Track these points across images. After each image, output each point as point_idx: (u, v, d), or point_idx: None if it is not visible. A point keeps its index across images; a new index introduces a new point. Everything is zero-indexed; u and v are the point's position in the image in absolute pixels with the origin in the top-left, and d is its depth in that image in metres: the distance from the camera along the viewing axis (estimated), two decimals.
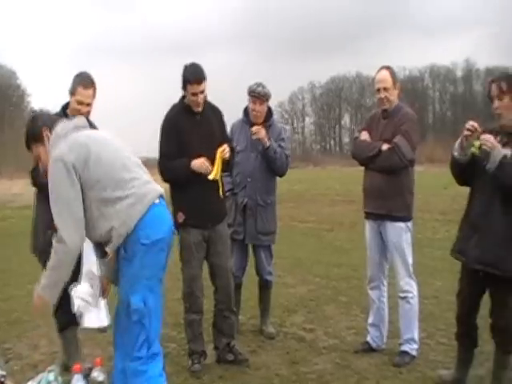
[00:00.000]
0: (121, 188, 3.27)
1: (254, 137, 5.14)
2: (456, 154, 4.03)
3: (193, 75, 4.47)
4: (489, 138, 3.80)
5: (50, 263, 3.24)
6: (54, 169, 3.23)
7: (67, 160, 3.20)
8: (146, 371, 3.34)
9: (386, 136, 4.75)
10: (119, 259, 3.32)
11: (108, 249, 3.31)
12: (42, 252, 4.19)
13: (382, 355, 4.91)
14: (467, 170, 4.03)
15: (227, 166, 4.68)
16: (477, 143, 3.83)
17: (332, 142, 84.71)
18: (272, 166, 5.29)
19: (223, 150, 4.54)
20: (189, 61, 4.58)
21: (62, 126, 3.40)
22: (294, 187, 25.36)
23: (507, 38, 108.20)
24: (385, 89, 4.75)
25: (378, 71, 4.84)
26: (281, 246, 9.60)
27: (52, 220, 3.55)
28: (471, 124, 3.89)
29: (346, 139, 79.86)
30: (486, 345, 4.48)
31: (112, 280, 3.47)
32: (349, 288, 7.32)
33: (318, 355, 4.96)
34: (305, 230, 13.28)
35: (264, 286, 5.54)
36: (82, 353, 4.57)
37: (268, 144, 5.16)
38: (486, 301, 4.12)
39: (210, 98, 4.69)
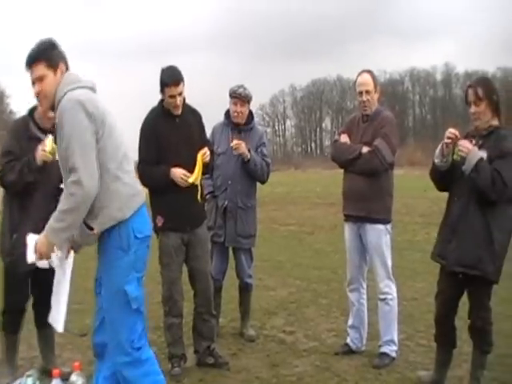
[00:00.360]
0: (121, 171, 3.23)
1: (235, 152, 5.14)
2: (437, 161, 4.08)
3: (170, 78, 4.45)
4: (464, 144, 3.86)
5: (63, 207, 3.05)
6: (74, 110, 3.07)
7: (88, 107, 3.09)
8: (147, 360, 3.34)
9: (366, 139, 4.78)
10: (111, 248, 3.25)
11: (94, 225, 3.17)
12: (8, 255, 4.19)
13: (362, 357, 4.93)
14: (447, 176, 4.10)
15: (207, 168, 4.68)
16: (457, 150, 3.89)
17: (313, 145, 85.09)
18: (253, 175, 5.31)
19: (204, 154, 4.54)
20: (167, 63, 4.60)
21: (81, 77, 3.32)
22: (275, 190, 25.38)
23: (486, 43, 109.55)
24: (367, 92, 4.79)
25: (360, 74, 4.88)
26: (262, 249, 9.63)
27: (18, 223, 3.57)
28: (451, 132, 3.95)
29: (326, 142, 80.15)
30: (464, 345, 4.54)
31: (75, 249, 3.36)
32: (329, 290, 7.35)
33: (298, 358, 4.97)
34: (285, 232, 13.31)
35: (244, 289, 5.54)
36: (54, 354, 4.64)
37: (248, 157, 5.17)
38: (464, 302, 4.17)
39: (188, 101, 4.69)
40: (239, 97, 5.24)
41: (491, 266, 3.92)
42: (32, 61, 3.23)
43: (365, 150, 4.73)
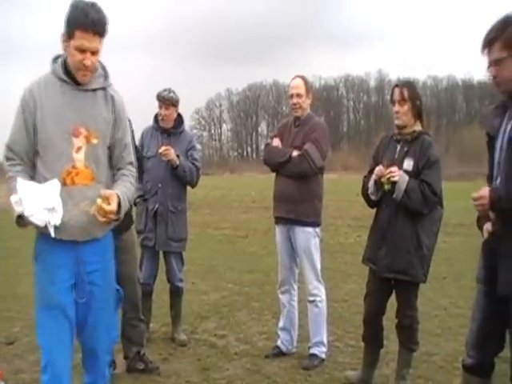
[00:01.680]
0: None
1: (163, 158, 5.10)
2: (373, 197, 4.20)
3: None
4: (394, 172, 3.96)
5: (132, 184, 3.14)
6: None
7: None
8: None
9: (297, 143, 4.84)
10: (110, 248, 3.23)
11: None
12: None
13: (292, 359, 4.98)
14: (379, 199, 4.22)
15: None
16: (386, 181, 3.98)
17: (249, 149, 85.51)
18: (182, 180, 5.29)
19: None
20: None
21: None
22: (210, 194, 25.39)
23: (417, 51, 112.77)
24: (298, 95, 4.86)
25: (293, 79, 4.96)
26: (195, 253, 9.64)
27: None
28: (379, 169, 4.05)
29: (262, 146, 78.66)
30: (391, 345, 4.65)
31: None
32: (261, 293, 7.39)
33: (229, 361, 4.97)
34: (219, 236, 13.30)
35: (175, 293, 5.50)
36: None
37: (177, 163, 5.14)
38: (392, 303, 4.27)
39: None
40: (164, 100, 5.22)
41: (420, 270, 4.05)
42: None
43: (295, 153, 4.79)
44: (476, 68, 71.06)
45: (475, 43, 3.21)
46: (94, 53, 2.90)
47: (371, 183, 4.17)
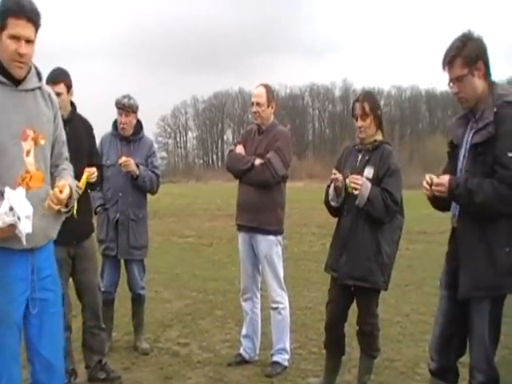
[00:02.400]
0: None
1: (123, 169, 5.06)
2: (334, 203, 4.24)
3: (50, 76, 4.29)
4: (356, 179, 4.00)
5: None
6: None
7: None
8: None
9: (260, 151, 4.86)
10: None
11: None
12: None
13: (255, 366, 4.97)
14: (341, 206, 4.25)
15: (93, 186, 4.52)
16: (349, 184, 4.02)
17: (214, 157, 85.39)
18: (142, 189, 5.26)
19: (91, 174, 4.27)
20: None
21: None
22: (175, 202, 25.27)
23: (382, 61, 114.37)
24: (257, 103, 4.87)
25: (256, 87, 4.98)
26: (159, 262, 9.60)
27: None
28: (335, 173, 4.10)
29: None
30: (354, 352, 4.69)
31: None
32: (225, 301, 7.37)
33: (192, 369, 4.94)
34: (184, 244, 13.24)
35: (137, 301, 5.45)
36: None
37: (137, 173, 5.11)
38: (355, 310, 4.30)
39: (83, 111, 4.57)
40: (123, 107, 5.18)
41: (381, 277, 4.09)
42: None
43: (257, 162, 4.80)
44: (438, 79, 72.38)
45: (437, 56, 3.31)
46: (29, 42, 2.84)
47: (331, 190, 4.21)
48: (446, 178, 3.16)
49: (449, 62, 3.16)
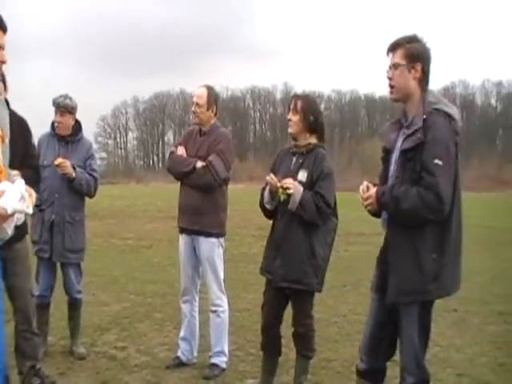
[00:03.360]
0: None
1: (59, 171, 4.96)
2: (269, 206, 4.27)
3: None
4: (288, 183, 4.04)
5: None
6: None
7: None
8: None
9: (202, 153, 4.85)
10: None
11: None
12: None
13: (193, 369, 4.96)
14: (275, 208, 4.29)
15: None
16: (281, 191, 4.04)
17: (155, 158, 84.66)
18: (79, 192, 5.17)
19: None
20: None
21: None
22: (114, 203, 24.90)
23: (323, 66, 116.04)
24: (197, 104, 4.86)
25: (199, 87, 4.96)
26: (97, 264, 9.45)
27: None
28: (271, 177, 4.13)
29: None
30: (291, 353, 4.72)
31: None
32: (164, 304, 7.32)
33: (129, 373, 4.88)
34: (123, 247, 13.07)
35: (73, 305, 5.35)
36: None
37: (73, 176, 5.02)
38: (290, 311, 4.33)
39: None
40: (59, 107, 5.09)
41: (315, 279, 4.15)
42: None
43: (199, 164, 4.79)
44: (378, 85, 74.02)
45: (376, 62, 3.40)
46: (2, 47, 3.04)
47: (266, 192, 4.25)
48: (373, 191, 3.25)
49: (393, 48, 3.26)
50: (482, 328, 6.46)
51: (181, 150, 4.98)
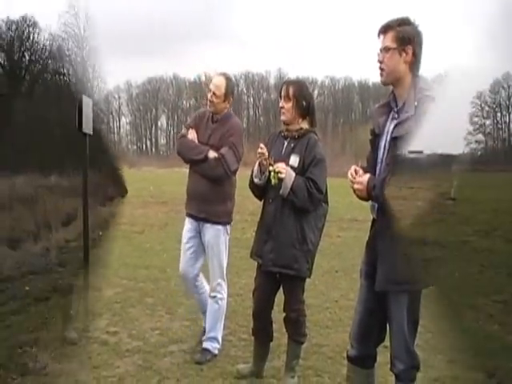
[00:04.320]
0: None
1: None
2: (257, 180, 4.24)
3: None
4: (281, 167, 4.03)
5: None
6: None
7: None
8: None
9: (213, 142, 4.79)
10: None
11: None
12: None
13: (185, 354, 4.96)
14: (265, 188, 4.27)
15: None
16: (273, 175, 4.03)
17: (148, 143, 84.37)
18: None
19: None
20: None
21: None
22: None
23: (316, 53, 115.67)
24: (214, 94, 4.79)
25: (217, 76, 4.90)
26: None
27: None
28: (262, 147, 4.13)
29: (162, 140, 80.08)
30: (283, 338, 4.72)
31: None
32: (155, 289, 7.30)
33: (121, 358, 4.88)
34: (115, 232, 13.02)
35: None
36: None
37: None
38: (282, 296, 4.34)
39: None
40: None
41: (305, 264, 4.15)
42: None
43: (211, 155, 4.72)
44: (372, 72, 73.73)
45: (370, 48, 3.36)
46: None
47: (256, 167, 4.22)
48: (365, 178, 3.21)
49: (384, 30, 3.20)
50: None
51: (192, 134, 4.90)
